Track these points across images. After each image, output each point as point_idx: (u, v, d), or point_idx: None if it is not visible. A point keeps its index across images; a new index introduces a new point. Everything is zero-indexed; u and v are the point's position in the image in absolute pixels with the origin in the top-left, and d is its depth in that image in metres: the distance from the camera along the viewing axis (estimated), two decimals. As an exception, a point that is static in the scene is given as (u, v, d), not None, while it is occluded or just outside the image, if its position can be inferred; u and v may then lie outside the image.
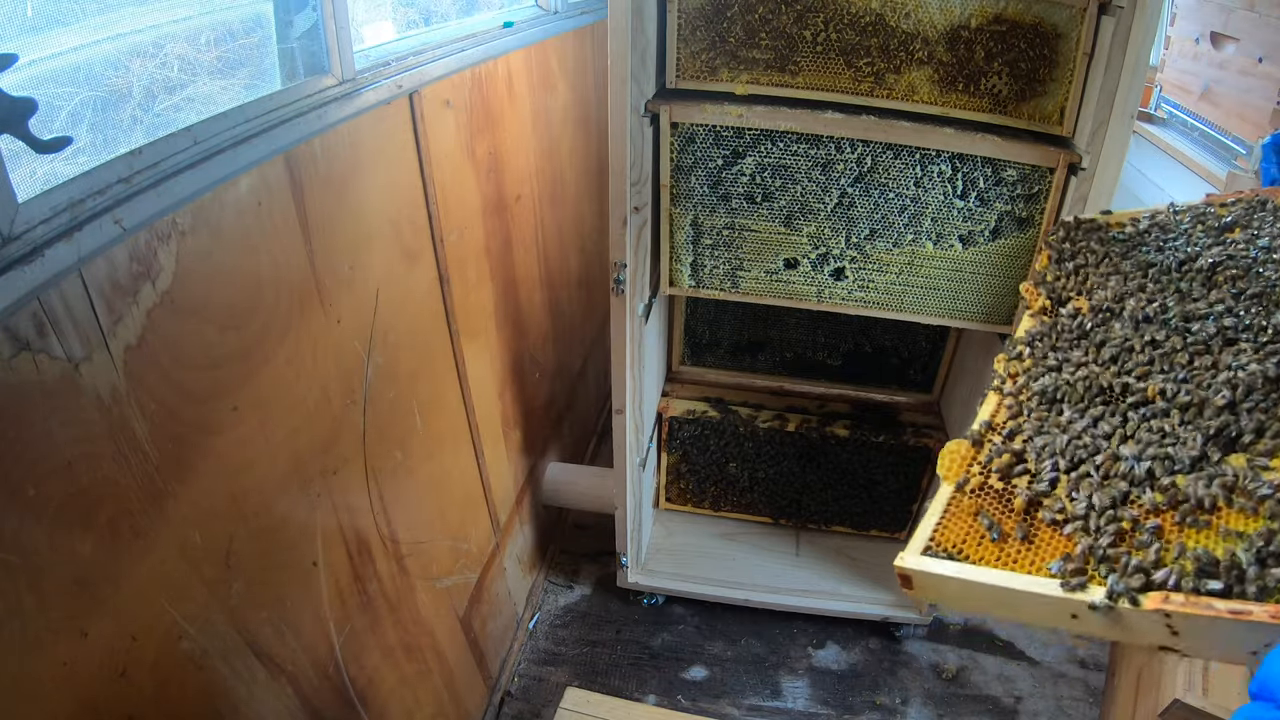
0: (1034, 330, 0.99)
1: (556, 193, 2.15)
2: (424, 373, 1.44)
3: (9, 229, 0.67)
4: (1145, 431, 0.75)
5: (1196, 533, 0.62)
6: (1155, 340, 0.88)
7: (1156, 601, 0.55)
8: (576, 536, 2.41)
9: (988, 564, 0.67)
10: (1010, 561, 0.67)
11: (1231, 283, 0.95)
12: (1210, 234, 1.08)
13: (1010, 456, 0.78)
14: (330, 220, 1.10)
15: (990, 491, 0.75)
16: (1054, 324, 0.98)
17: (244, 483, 0.96)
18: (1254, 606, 0.52)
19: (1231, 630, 0.52)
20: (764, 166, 1.51)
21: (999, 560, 0.67)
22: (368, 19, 1.47)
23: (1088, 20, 1.35)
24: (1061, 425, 0.80)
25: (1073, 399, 0.84)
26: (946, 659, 2.06)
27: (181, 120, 0.94)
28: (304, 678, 1.10)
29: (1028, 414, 0.84)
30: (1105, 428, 0.77)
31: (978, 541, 0.70)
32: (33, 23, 0.82)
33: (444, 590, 1.57)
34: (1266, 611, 0.51)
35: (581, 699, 1.64)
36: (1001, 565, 0.66)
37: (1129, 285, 1.01)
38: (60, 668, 0.71)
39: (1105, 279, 1.04)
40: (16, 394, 0.65)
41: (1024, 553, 0.67)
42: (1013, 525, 0.70)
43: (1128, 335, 0.90)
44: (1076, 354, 0.91)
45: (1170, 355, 0.85)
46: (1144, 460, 0.70)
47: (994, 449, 0.80)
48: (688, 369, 2.24)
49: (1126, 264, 1.06)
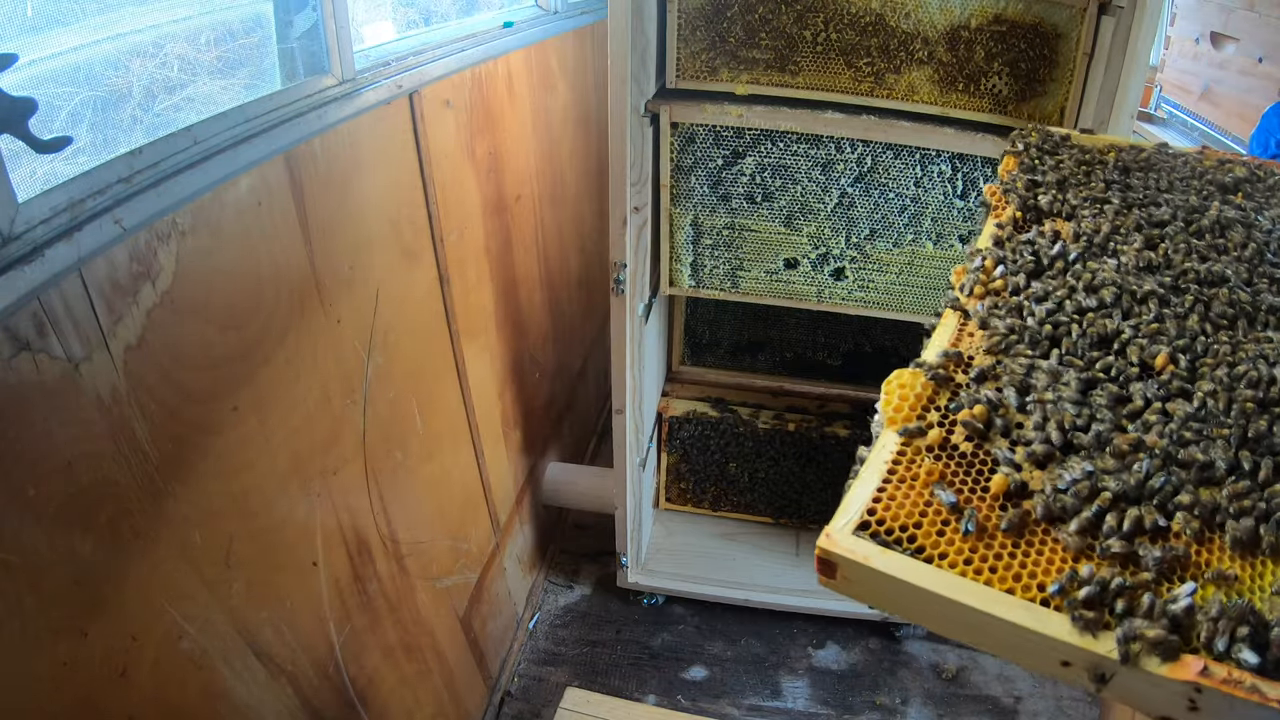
0: (1004, 243, 0.80)
1: (556, 193, 2.15)
2: (424, 373, 1.44)
3: (9, 229, 0.67)
4: (1157, 415, 0.58)
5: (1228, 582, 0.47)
6: (1161, 296, 0.71)
7: (1191, 671, 0.42)
8: (576, 536, 2.41)
9: (956, 567, 0.48)
10: (986, 569, 0.48)
11: (1241, 249, 0.78)
12: (1213, 190, 0.93)
13: (984, 409, 0.58)
14: (330, 220, 1.10)
15: (955, 455, 0.56)
16: (1032, 242, 0.79)
17: (244, 483, 0.96)
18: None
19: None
20: (764, 166, 1.51)
21: (970, 563, 0.48)
22: (368, 19, 1.47)
23: (1088, 20, 1.35)
24: (1053, 378, 0.61)
25: (1065, 345, 0.66)
26: (946, 659, 2.06)
27: (181, 120, 0.94)
28: (304, 678, 1.10)
29: (1007, 350, 0.65)
30: (1107, 398, 0.60)
31: (937, 528, 0.50)
32: (33, 23, 0.82)
33: (444, 590, 1.57)
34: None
35: (581, 699, 1.64)
36: (975, 573, 0.48)
37: (1121, 222, 0.83)
38: (60, 668, 0.71)
39: (1091, 206, 0.86)
40: (16, 394, 0.65)
41: (1005, 559, 0.49)
42: (990, 515, 0.51)
43: (1128, 282, 0.72)
44: (1063, 289, 0.73)
45: (1182, 319, 0.68)
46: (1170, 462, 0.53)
47: (965, 396, 0.60)
48: (688, 369, 2.24)
49: (1115, 197, 0.89)
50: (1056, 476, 0.53)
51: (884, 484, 0.54)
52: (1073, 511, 0.51)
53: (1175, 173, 0.98)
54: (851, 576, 0.49)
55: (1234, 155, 1.02)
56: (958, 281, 0.76)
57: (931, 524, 0.51)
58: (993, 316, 0.70)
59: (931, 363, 0.64)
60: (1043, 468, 0.55)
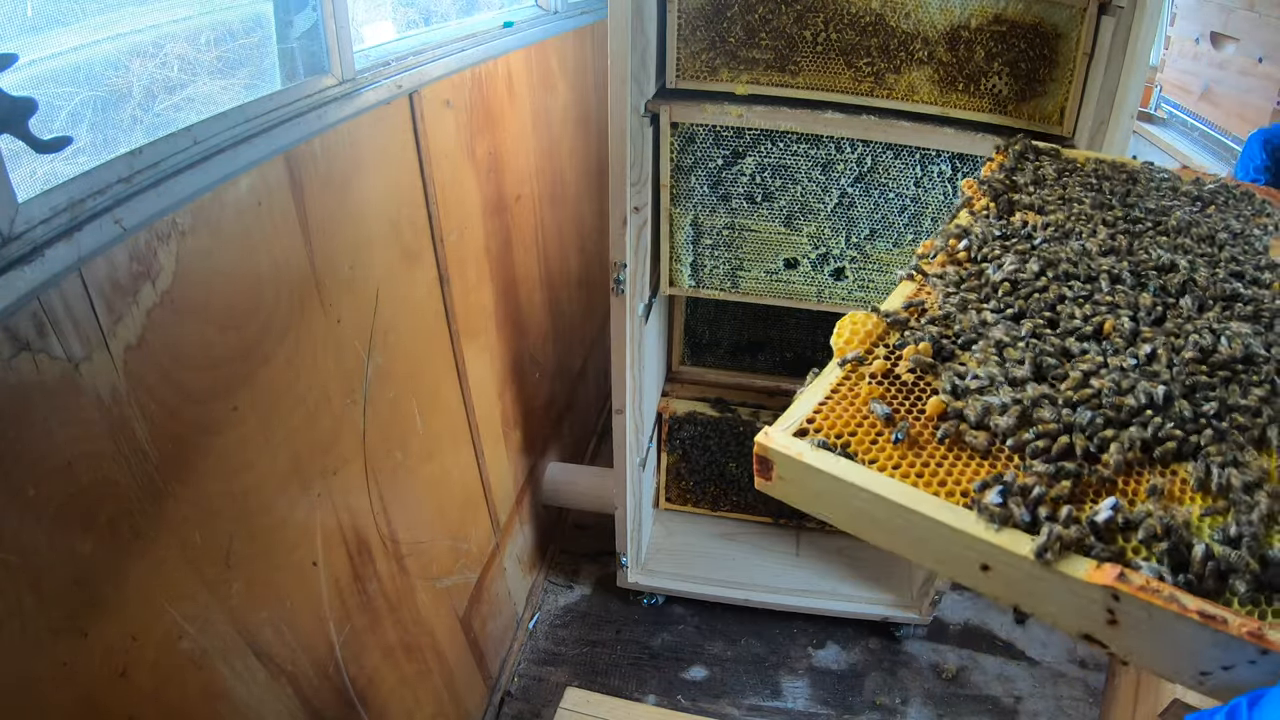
0: (971, 227, 0.84)
1: (556, 193, 2.15)
2: (424, 373, 1.44)
3: (9, 229, 0.67)
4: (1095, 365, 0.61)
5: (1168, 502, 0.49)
6: (1115, 274, 0.75)
7: (1108, 576, 0.43)
8: (576, 536, 2.41)
9: (883, 469, 0.51)
10: (913, 473, 0.51)
11: (1200, 244, 0.83)
12: (1184, 200, 0.97)
13: (929, 346, 0.62)
14: (330, 220, 1.10)
15: (896, 383, 0.59)
16: (1001, 226, 0.83)
17: (244, 483, 0.96)
18: (1228, 614, 0.41)
19: (1190, 638, 0.41)
20: (764, 166, 1.51)
21: (899, 469, 0.51)
22: (368, 19, 1.47)
23: (1088, 20, 1.35)
24: (1003, 329, 0.64)
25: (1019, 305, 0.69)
26: (946, 659, 2.06)
27: (181, 120, 0.94)
28: (304, 678, 1.10)
29: (963, 306, 0.68)
30: (1051, 348, 0.63)
31: (871, 438, 0.54)
32: (33, 23, 0.82)
33: (444, 590, 1.57)
34: (1244, 626, 0.40)
35: (581, 699, 1.64)
36: (902, 476, 0.50)
37: (1090, 214, 0.87)
38: (60, 668, 0.71)
39: (1063, 204, 0.90)
40: (16, 394, 0.65)
41: (932, 467, 0.51)
42: (923, 432, 0.54)
43: (1085, 261, 0.76)
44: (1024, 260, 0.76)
45: (1134, 296, 0.72)
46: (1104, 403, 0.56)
47: (911, 335, 0.64)
48: (688, 369, 2.24)
49: (1087, 196, 0.93)
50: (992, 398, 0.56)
51: (824, 401, 0.56)
52: (1006, 431, 0.54)
53: (1151, 183, 1.02)
54: (785, 475, 0.51)
55: (1210, 175, 1.07)
56: (923, 251, 0.79)
57: (866, 434, 0.54)
58: (953, 277, 0.74)
59: (886, 309, 0.67)
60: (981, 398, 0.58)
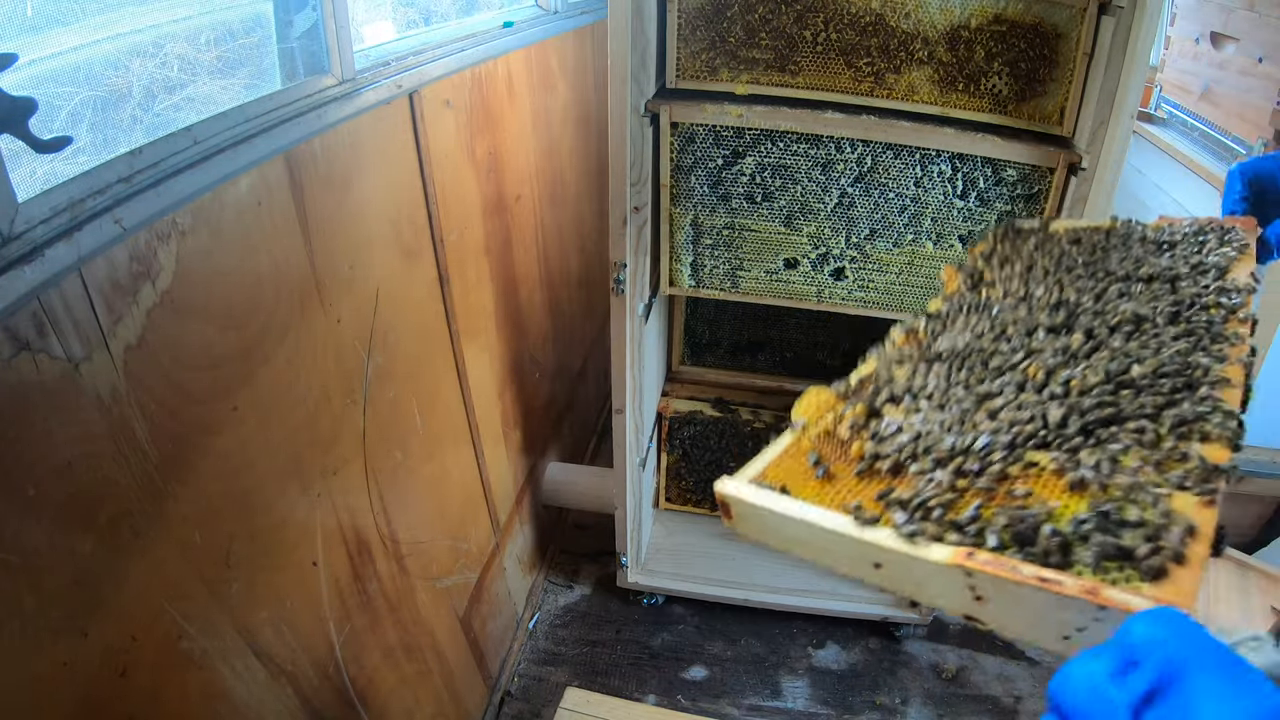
0: (938, 310, 0.93)
1: (556, 193, 2.15)
2: (424, 373, 1.44)
3: (9, 229, 0.67)
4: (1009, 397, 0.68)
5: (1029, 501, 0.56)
6: (1050, 326, 0.81)
7: (958, 556, 0.49)
8: (576, 536, 2.41)
9: (807, 499, 0.61)
10: (828, 499, 0.61)
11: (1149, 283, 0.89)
12: (1148, 247, 1.02)
13: (864, 407, 0.72)
14: (330, 220, 1.10)
15: (833, 439, 0.70)
16: (960, 303, 0.92)
17: (244, 483, 0.96)
18: (1065, 578, 0.46)
19: (1041, 604, 0.47)
20: (764, 166, 1.51)
21: (816, 498, 0.62)
22: (368, 19, 1.47)
23: (1088, 20, 1.35)
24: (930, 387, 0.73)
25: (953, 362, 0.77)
26: (946, 659, 2.06)
27: (181, 120, 0.94)
28: (304, 678, 1.10)
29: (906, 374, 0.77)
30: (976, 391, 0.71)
31: (804, 479, 0.65)
32: (33, 23, 0.82)
33: (444, 590, 1.57)
34: (1079, 586, 0.45)
35: (581, 699, 1.64)
36: (818, 502, 0.61)
37: (1047, 276, 0.95)
38: (60, 668, 0.71)
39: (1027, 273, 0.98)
40: (16, 394, 0.65)
41: (840, 493, 0.62)
42: (842, 467, 0.66)
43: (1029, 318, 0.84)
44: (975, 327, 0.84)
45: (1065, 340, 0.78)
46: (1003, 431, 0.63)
47: (853, 401, 0.74)
48: (688, 369, 2.24)
49: (1050, 263, 1.00)
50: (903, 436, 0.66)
51: (776, 457, 0.68)
52: (908, 459, 0.63)
53: (1122, 237, 1.05)
54: (738, 513, 0.62)
55: (1180, 219, 1.08)
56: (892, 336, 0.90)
57: (801, 479, 0.65)
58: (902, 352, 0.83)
59: (844, 384, 0.78)
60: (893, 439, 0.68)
